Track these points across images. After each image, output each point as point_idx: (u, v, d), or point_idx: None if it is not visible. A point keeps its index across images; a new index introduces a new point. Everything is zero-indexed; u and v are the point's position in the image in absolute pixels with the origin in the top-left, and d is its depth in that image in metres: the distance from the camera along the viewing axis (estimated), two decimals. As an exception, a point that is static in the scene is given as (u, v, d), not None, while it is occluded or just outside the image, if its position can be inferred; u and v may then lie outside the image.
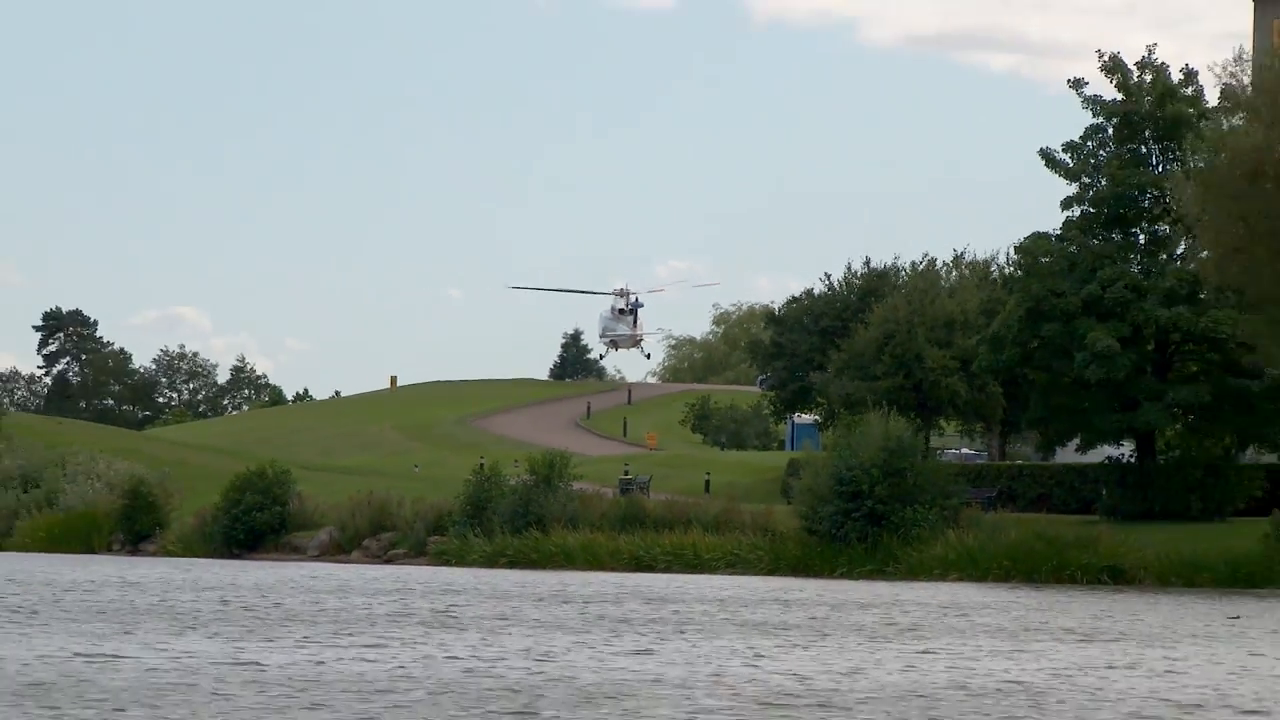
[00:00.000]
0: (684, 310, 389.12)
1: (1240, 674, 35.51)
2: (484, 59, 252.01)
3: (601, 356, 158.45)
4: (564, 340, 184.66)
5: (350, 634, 42.16)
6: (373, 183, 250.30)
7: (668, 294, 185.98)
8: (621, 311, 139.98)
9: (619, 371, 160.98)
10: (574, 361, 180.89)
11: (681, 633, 44.74)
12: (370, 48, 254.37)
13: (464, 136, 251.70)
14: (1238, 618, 54.34)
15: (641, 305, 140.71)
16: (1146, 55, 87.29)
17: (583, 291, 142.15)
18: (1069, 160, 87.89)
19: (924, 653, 39.47)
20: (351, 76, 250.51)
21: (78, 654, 34.80)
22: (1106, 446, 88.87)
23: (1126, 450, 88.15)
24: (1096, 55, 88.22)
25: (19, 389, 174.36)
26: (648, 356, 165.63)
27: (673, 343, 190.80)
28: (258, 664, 33.68)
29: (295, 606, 52.65)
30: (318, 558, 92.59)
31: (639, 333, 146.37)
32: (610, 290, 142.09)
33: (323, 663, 34.20)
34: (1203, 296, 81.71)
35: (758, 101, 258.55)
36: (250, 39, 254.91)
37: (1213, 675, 35.46)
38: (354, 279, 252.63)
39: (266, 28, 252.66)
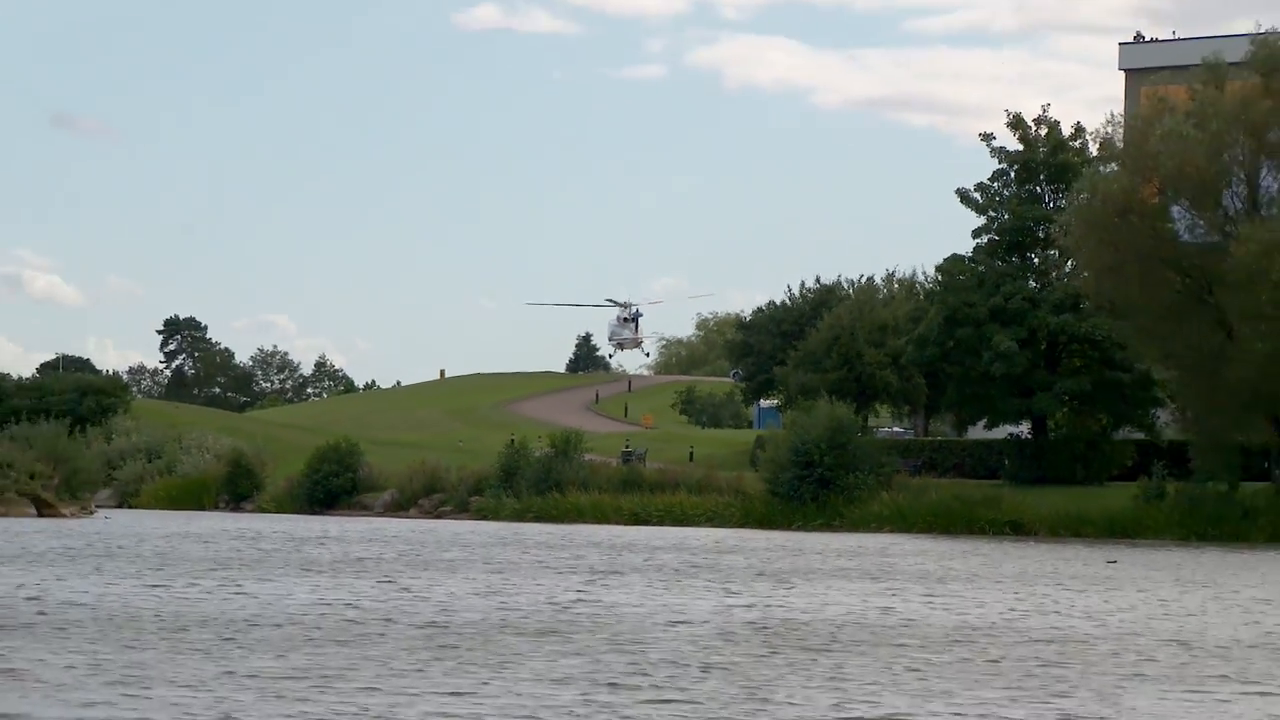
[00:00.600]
0: (672, 317, 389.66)
1: (1130, 607, 35.36)
2: (515, 120, 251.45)
3: (610, 355, 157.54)
4: (577, 341, 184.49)
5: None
6: (425, 218, 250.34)
7: (659, 303, 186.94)
8: (625, 320, 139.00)
9: (621, 366, 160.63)
10: (585, 358, 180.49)
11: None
12: (427, 122, 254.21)
13: (498, 181, 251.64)
14: (1115, 562, 54.26)
15: (642, 315, 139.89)
16: (1042, 113, 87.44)
17: (596, 305, 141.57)
18: (979, 198, 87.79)
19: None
20: (410, 142, 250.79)
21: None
22: (1008, 425, 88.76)
23: (1024, 428, 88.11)
24: (1005, 114, 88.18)
25: (145, 380, 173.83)
26: (647, 355, 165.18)
27: (663, 343, 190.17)
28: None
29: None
30: (381, 514, 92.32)
31: (640, 336, 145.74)
32: (618, 303, 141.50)
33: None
34: (1084, 307, 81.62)
35: (731, 151, 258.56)
36: (328, 102, 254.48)
37: (1096, 605, 35.26)
38: (410, 293, 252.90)
39: (346, 95, 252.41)
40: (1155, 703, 20.56)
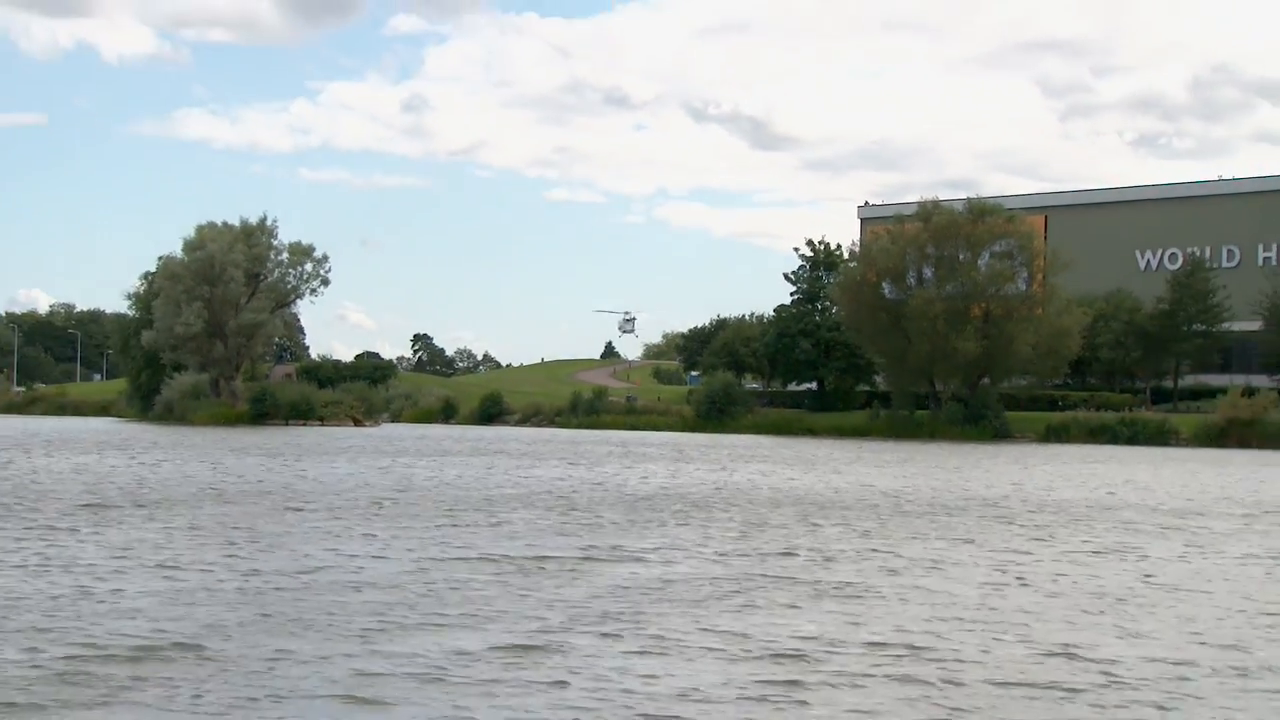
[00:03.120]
0: (648, 330, 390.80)
1: (862, 475, 35.00)
2: (575, 243, 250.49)
3: (619, 336, 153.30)
4: (605, 344, 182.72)
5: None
6: (531, 284, 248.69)
7: (641, 321, 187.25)
8: (628, 320, 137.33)
9: (626, 355, 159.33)
10: (609, 352, 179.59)
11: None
12: (533, 239, 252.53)
13: (567, 266, 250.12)
14: (862, 452, 53.62)
15: (635, 318, 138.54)
16: (821, 239, 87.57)
17: (617, 312, 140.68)
18: (793, 277, 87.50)
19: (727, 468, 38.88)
20: (527, 248, 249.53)
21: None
22: (807, 383, 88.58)
23: (815, 385, 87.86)
24: (804, 239, 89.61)
25: (404, 363, 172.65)
26: (636, 336, 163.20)
27: (646, 344, 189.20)
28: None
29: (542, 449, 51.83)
30: (512, 425, 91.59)
31: (636, 331, 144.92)
32: (623, 310, 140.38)
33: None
34: (842, 328, 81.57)
35: (676, 255, 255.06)
36: (481, 234, 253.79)
37: (844, 475, 35.01)
38: (527, 319, 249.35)
39: (487, 227, 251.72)
40: (883, 522, 19.79)
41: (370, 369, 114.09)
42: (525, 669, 8.57)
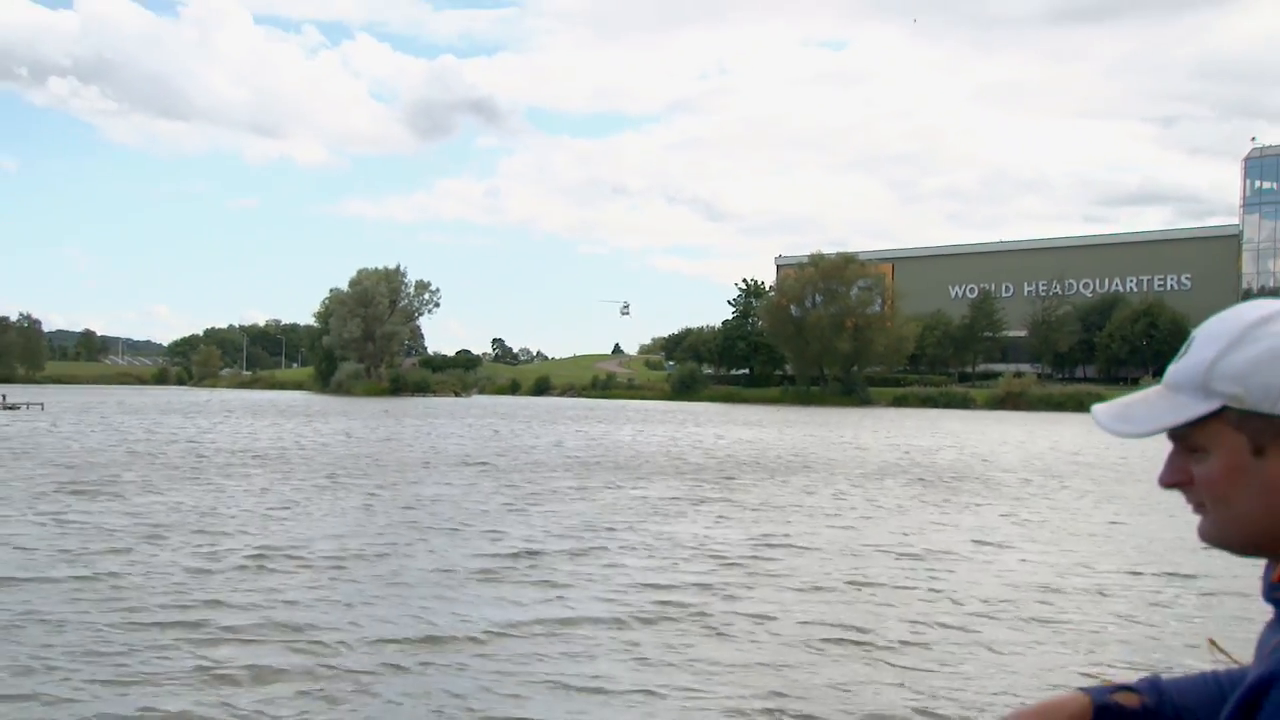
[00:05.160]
0: (643, 335, 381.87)
1: (790, 435, 33.72)
2: (593, 284, 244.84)
3: (621, 315, 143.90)
4: (614, 344, 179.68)
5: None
6: (575, 312, 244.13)
7: (635, 324, 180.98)
8: (625, 306, 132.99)
9: (627, 351, 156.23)
10: (616, 350, 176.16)
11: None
12: (570, 276, 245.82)
13: (587, 283, 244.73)
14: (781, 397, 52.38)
15: (630, 304, 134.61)
16: (751, 279, 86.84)
17: (614, 301, 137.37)
18: (734, 303, 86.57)
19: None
20: (569, 276, 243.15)
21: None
22: (743, 370, 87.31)
23: (748, 371, 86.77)
24: (741, 279, 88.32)
25: (487, 356, 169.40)
26: (631, 317, 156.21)
27: (640, 343, 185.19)
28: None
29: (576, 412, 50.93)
30: (554, 397, 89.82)
31: (631, 314, 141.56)
32: (622, 300, 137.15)
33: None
34: (765, 335, 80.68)
35: (663, 290, 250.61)
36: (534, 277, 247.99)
37: (777, 435, 34.05)
38: (566, 326, 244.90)
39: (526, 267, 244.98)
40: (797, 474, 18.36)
41: (464, 360, 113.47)
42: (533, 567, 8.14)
